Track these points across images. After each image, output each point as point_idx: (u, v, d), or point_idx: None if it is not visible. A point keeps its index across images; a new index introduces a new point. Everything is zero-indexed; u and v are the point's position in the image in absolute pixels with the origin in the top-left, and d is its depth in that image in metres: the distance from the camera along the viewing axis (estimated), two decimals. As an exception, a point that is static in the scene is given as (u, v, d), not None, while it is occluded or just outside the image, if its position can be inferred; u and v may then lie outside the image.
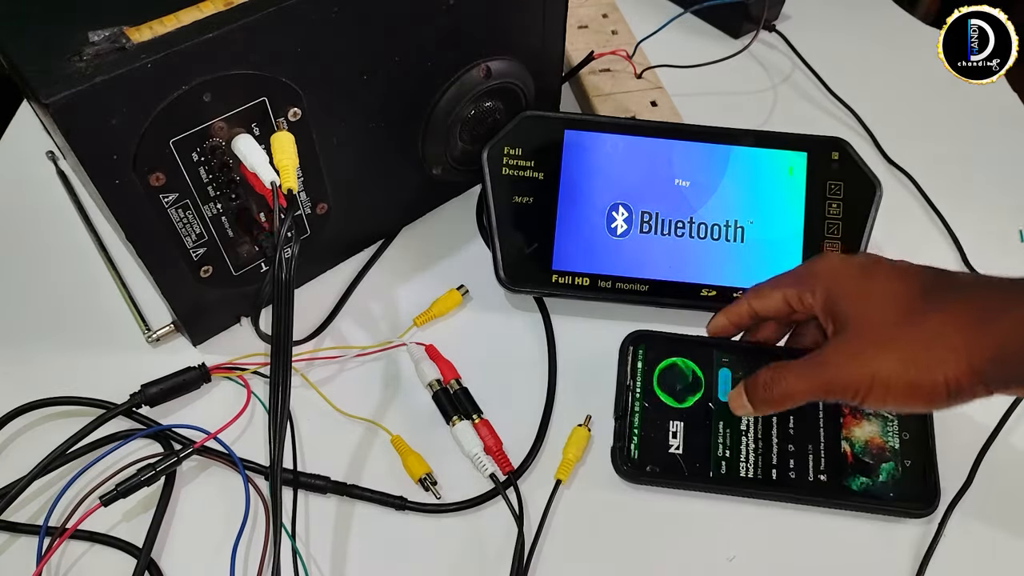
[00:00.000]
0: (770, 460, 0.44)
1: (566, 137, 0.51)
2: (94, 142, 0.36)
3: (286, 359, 0.40)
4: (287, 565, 0.40)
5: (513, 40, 0.50)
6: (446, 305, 0.52)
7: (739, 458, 0.44)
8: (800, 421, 0.44)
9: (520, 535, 0.43)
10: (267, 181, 0.39)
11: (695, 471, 0.44)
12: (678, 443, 0.44)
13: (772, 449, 0.44)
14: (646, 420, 0.45)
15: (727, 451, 0.44)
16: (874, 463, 0.43)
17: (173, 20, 0.37)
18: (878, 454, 0.44)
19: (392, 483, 0.45)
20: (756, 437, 0.44)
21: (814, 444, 0.44)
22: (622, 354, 0.46)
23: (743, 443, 0.44)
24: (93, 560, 0.42)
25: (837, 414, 0.45)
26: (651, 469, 0.44)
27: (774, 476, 0.44)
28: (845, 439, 0.44)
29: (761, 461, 0.44)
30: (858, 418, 0.44)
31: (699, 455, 0.44)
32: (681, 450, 0.44)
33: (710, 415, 0.45)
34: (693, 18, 0.73)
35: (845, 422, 0.44)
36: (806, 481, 0.43)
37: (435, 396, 0.47)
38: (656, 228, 0.51)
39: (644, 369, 0.46)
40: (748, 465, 0.44)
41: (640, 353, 0.46)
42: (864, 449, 0.44)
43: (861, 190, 0.51)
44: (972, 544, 0.43)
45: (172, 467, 0.42)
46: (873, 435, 0.44)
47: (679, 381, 0.46)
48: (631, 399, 0.45)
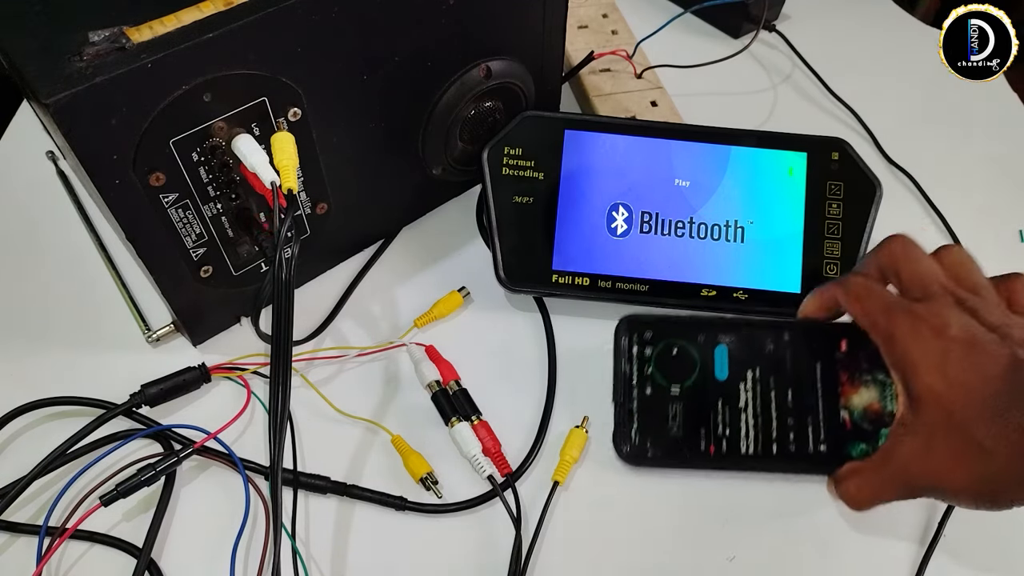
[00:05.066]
0: (770, 435, 0.44)
1: (566, 137, 0.51)
2: (94, 142, 0.36)
3: (286, 359, 0.40)
4: (287, 565, 0.40)
5: (513, 40, 0.50)
6: (447, 307, 0.52)
7: (739, 435, 0.44)
8: (798, 394, 0.44)
9: (518, 537, 0.43)
10: (267, 181, 0.39)
11: (696, 451, 0.44)
12: (678, 424, 0.44)
13: (771, 424, 0.44)
14: (645, 403, 0.45)
15: (727, 429, 0.44)
16: (873, 428, 0.43)
17: (173, 20, 0.37)
18: (876, 419, 0.43)
19: (392, 483, 0.45)
20: (755, 413, 0.44)
21: (813, 416, 0.44)
22: (617, 339, 0.46)
23: (742, 420, 0.44)
24: (93, 560, 0.42)
25: (835, 384, 0.44)
26: (652, 452, 0.44)
27: (774, 450, 0.43)
28: (844, 407, 0.44)
29: (761, 436, 0.44)
30: (856, 385, 0.44)
31: (699, 434, 0.44)
32: (681, 431, 0.44)
33: (708, 394, 0.44)
34: (693, 18, 0.73)
35: (843, 391, 0.44)
36: (806, 453, 0.43)
37: (434, 397, 0.47)
38: (656, 228, 0.51)
39: (640, 353, 0.45)
40: (748, 441, 0.44)
41: (635, 337, 0.46)
42: (863, 416, 0.43)
43: (861, 190, 0.51)
44: (972, 544, 0.43)
45: (172, 467, 0.42)
46: (872, 401, 0.43)
47: (676, 362, 0.45)
48: (629, 383, 0.45)
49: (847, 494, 0.39)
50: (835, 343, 0.44)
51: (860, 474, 0.38)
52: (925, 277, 0.38)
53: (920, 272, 0.38)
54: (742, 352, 0.43)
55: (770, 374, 0.44)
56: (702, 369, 0.45)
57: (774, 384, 0.44)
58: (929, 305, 0.37)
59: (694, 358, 0.45)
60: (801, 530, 0.44)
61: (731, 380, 0.44)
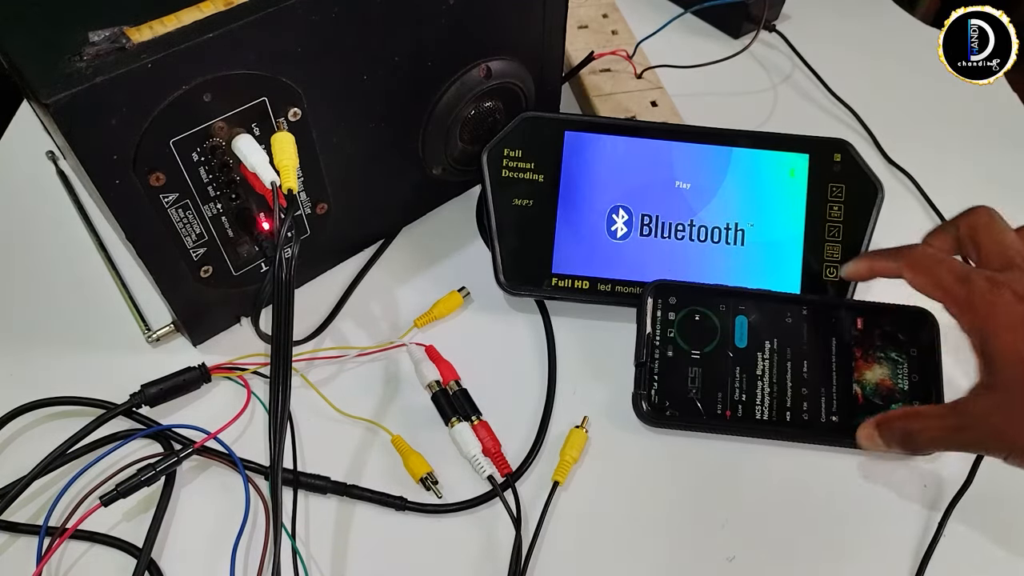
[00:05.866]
0: (784, 403, 0.45)
1: (566, 139, 0.51)
2: (94, 142, 0.36)
3: (286, 359, 0.40)
4: (287, 565, 0.40)
5: (513, 40, 0.50)
6: (447, 307, 0.52)
7: (755, 401, 0.45)
8: (814, 366, 0.46)
9: (517, 537, 0.43)
10: (267, 181, 0.39)
11: (713, 413, 0.45)
12: (696, 387, 0.46)
13: (787, 392, 0.46)
14: (666, 365, 0.46)
15: (743, 395, 0.46)
16: (884, 403, 0.45)
17: (173, 20, 0.37)
18: (888, 395, 0.45)
19: (392, 483, 0.45)
20: (772, 381, 0.46)
21: (827, 387, 0.46)
22: (642, 303, 0.47)
23: (759, 387, 0.46)
24: (93, 560, 0.42)
25: (849, 358, 0.46)
26: (671, 412, 0.45)
27: (788, 418, 0.45)
28: (856, 382, 0.46)
29: (776, 404, 0.45)
30: (869, 362, 0.46)
31: (716, 398, 0.45)
32: (699, 394, 0.46)
33: (727, 360, 0.46)
34: (693, 18, 0.73)
35: (857, 365, 0.46)
36: (819, 422, 0.45)
37: (434, 397, 0.47)
38: (656, 231, 0.51)
39: (664, 318, 0.47)
40: (763, 408, 0.45)
41: (660, 302, 0.47)
42: (875, 391, 0.45)
43: (863, 193, 0.51)
44: (972, 544, 0.43)
45: (172, 467, 0.42)
46: (884, 377, 0.46)
47: (697, 328, 0.47)
48: (652, 346, 0.46)
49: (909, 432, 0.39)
50: (852, 321, 0.46)
51: (923, 418, 0.38)
52: (1009, 248, 0.39)
53: (1004, 242, 0.39)
54: (762, 323, 0.47)
55: (787, 346, 0.46)
56: (722, 336, 0.47)
57: (791, 355, 0.46)
58: (1010, 274, 0.38)
59: (715, 325, 0.47)
60: (802, 529, 0.44)
61: (750, 349, 0.46)
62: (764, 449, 0.46)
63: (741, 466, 0.46)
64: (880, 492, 0.45)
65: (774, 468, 0.46)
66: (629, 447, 0.47)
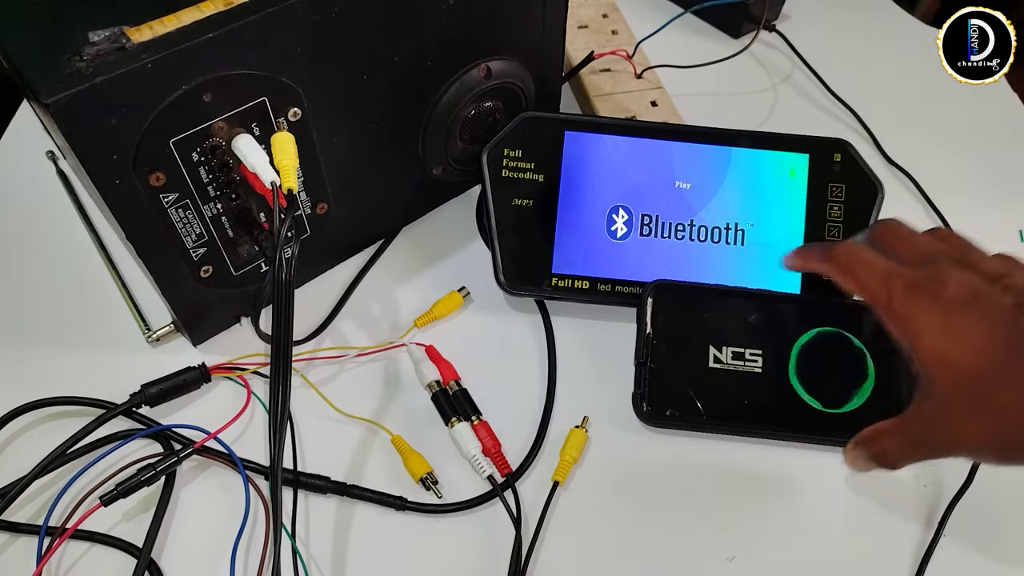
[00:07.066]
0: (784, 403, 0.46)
1: (566, 138, 0.51)
2: (94, 142, 0.36)
3: (286, 359, 0.40)
4: (287, 565, 0.40)
5: (513, 40, 0.50)
6: (447, 307, 0.52)
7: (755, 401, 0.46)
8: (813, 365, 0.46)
9: (518, 537, 0.43)
10: (267, 181, 0.39)
11: (712, 413, 0.46)
12: (696, 387, 0.46)
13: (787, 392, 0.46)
14: (666, 366, 0.46)
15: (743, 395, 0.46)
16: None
17: (173, 20, 0.37)
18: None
19: (392, 483, 0.45)
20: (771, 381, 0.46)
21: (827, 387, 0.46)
22: (642, 303, 0.47)
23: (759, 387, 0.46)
24: (93, 560, 0.42)
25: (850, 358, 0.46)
26: (671, 412, 0.46)
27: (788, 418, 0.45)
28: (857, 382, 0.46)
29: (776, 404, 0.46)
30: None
31: (717, 398, 0.46)
32: (699, 394, 0.46)
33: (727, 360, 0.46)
34: (693, 18, 0.73)
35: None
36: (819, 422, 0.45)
37: (434, 397, 0.47)
38: (656, 231, 0.51)
39: (664, 318, 0.47)
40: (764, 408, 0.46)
41: (660, 302, 0.47)
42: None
43: (863, 193, 0.51)
44: (972, 544, 0.43)
45: (172, 467, 0.42)
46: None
47: (698, 328, 0.47)
48: (652, 346, 0.46)
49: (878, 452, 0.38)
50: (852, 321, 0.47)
51: (887, 435, 0.37)
52: (922, 245, 0.37)
53: (917, 241, 0.38)
54: (762, 323, 0.47)
55: (787, 345, 0.46)
56: (723, 336, 0.47)
57: (790, 355, 0.46)
58: (927, 269, 0.35)
59: (716, 325, 0.47)
60: (802, 529, 0.44)
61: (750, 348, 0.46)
62: (764, 449, 0.46)
63: (741, 466, 0.46)
64: (880, 492, 0.45)
65: (774, 468, 0.46)
66: (629, 447, 0.47)
